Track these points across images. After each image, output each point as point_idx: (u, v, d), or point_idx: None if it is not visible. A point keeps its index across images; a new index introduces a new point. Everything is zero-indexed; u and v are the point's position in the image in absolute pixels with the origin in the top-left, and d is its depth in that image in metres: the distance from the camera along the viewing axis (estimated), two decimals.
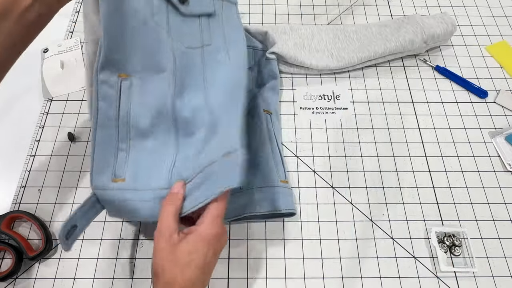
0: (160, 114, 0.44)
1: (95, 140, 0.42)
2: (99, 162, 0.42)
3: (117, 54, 0.41)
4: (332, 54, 0.66)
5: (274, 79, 0.63)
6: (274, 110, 0.61)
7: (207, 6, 0.48)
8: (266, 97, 0.61)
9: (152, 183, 0.42)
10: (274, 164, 0.54)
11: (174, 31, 0.44)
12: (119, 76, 0.42)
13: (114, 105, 0.42)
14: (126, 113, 0.43)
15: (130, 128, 0.43)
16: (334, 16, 0.75)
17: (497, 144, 0.61)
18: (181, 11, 0.44)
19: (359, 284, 0.50)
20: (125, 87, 0.42)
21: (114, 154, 0.42)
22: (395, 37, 0.66)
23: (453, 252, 0.52)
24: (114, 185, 0.41)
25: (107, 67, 0.41)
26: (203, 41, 0.47)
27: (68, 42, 0.70)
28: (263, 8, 0.76)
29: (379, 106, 0.65)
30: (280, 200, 0.51)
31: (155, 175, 0.43)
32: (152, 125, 0.44)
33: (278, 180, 0.52)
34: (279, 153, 0.55)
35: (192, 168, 0.42)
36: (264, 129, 0.57)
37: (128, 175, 0.42)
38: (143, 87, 0.43)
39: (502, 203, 0.56)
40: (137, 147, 0.43)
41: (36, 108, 0.64)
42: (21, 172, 0.58)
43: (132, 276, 0.50)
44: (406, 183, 0.58)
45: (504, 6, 0.78)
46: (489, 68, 0.69)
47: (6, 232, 0.51)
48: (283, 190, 0.52)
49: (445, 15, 0.68)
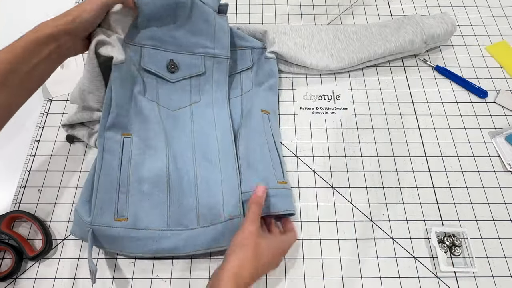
0: (155, 165, 0.52)
1: (98, 185, 0.50)
2: (102, 203, 0.49)
3: (122, 119, 0.53)
4: (332, 55, 0.66)
5: (273, 78, 0.63)
6: (272, 110, 0.60)
7: (197, 68, 0.59)
8: (264, 96, 0.61)
9: (151, 224, 0.49)
10: (272, 165, 0.53)
11: (163, 100, 0.57)
12: (122, 135, 0.53)
13: (117, 157, 0.52)
14: (127, 162, 0.52)
15: (130, 175, 0.51)
16: (334, 16, 0.75)
17: (497, 144, 0.61)
18: (170, 81, 0.58)
19: (359, 284, 0.50)
20: (127, 143, 0.53)
21: (116, 196, 0.50)
22: (395, 38, 0.66)
23: (453, 252, 0.52)
24: (118, 224, 0.48)
25: (113, 128, 0.53)
26: (192, 100, 0.59)
27: None
28: (263, 8, 0.76)
29: (379, 106, 0.65)
30: (278, 201, 0.51)
31: (154, 216, 0.49)
32: (149, 173, 0.51)
33: (276, 181, 0.52)
34: (277, 154, 0.55)
35: (188, 209, 0.50)
36: (262, 129, 0.56)
37: (130, 215, 0.49)
38: (141, 143, 0.53)
39: (502, 203, 0.56)
40: (136, 191, 0.50)
41: (36, 108, 0.64)
42: (21, 172, 0.58)
43: (132, 276, 0.50)
44: (406, 183, 0.58)
45: (504, 6, 0.78)
46: (489, 68, 0.69)
47: (6, 232, 0.51)
48: (281, 191, 0.52)
49: (445, 15, 0.68)
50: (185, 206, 0.51)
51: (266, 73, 0.63)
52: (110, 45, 0.51)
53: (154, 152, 0.53)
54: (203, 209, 0.51)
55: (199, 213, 0.50)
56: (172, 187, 0.51)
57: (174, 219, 0.50)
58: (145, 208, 0.50)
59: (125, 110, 0.54)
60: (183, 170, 0.53)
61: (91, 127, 0.57)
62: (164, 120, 0.56)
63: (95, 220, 0.48)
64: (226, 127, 0.57)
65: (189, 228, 0.50)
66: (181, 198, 0.51)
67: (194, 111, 0.59)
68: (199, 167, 0.54)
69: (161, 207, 0.50)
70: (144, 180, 0.51)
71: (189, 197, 0.51)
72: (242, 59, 0.65)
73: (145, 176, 0.51)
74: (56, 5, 0.77)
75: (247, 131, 0.56)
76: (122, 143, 0.53)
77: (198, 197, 0.51)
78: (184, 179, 0.53)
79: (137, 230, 0.48)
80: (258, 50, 0.65)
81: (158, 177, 0.51)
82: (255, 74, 0.64)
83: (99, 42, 0.51)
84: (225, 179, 0.52)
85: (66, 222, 0.54)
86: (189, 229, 0.49)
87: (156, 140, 0.54)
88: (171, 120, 0.57)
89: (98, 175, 0.50)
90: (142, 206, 0.50)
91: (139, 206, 0.50)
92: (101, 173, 0.50)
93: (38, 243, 0.52)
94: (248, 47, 0.65)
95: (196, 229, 0.50)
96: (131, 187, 0.51)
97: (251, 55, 0.65)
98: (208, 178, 0.53)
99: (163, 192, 0.51)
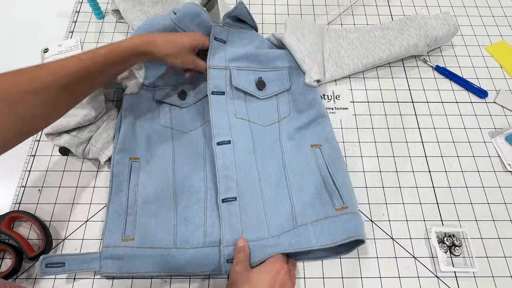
0: (162, 186, 0.54)
1: (108, 209, 0.52)
2: (112, 225, 0.51)
3: (129, 144, 0.56)
4: (336, 63, 0.65)
5: (316, 108, 0.59)
6: (325, 140, 0.57)
7: (205, 91, 0.60)
8: (312, 131, 0.58)
9: (158, 243, 0.50)
10: (328, 195, 0.51)
11: (176, 123, 0.60)
12: (130, 159, 0.55)
13: (125, 179, 0.54)
14: (135, 185, 0.54)
15: (137, 197, 0.53)
16: (334, 16, 0.75)
17: (497, 144, 0.61)
18: (181, 107, 0.62)
19: (359, 284, 0.50)
20: (135, 167, 0.55)
21: (124, 218, 0.51)
22: (399, 41, 0.65)
23: (453, 252, 0.52)
24: (124, 243, 0.49)
25: (122, 151, 0.55)
26: (204, 119, 0.61)
27: (68, 42, 0.70)
28: (263, 8, 0.76)
29: (379, 106, 0.65)
30: (338, 229, 0.48)
31: (160, 235, 0.50)
32: (155, 194, 0.53)
33: (333, 209, 0.50)
34: (333, 184, 0.52)
35: (194, 227, 0.52)
36: (314, 166, 0.54)
37: (137, 235, 0.50)
38: (148, 166, 0.56)
39: (502, 203, 0.56)
40: (143, 212, 0.52)
41: None
42: (21, 172, 0.58)
43: (132, 276, 0.50)
44: (406, 183, 0.58)
45: (504, 6, 0.78)
46: (489, 68, 0.69)
47: (6, 232, 0.51)
48: (340, 218, 0.49)
49: (447, 15, 0.67)
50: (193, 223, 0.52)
51: (307, 102, 0.60)
52: (129, 77, 0.59)
53: (160, 174, 0.55)
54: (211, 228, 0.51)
55: (207, 232, 0.51)
56: (178, 206, 0.53)
57: (181, 238, 0.50)
58: (152, 228, 0.51)
59: (133, 135, 0.57)
60: (193, 188, 0.55)
61: (78, 137, 0.56)
62: (176, 142, 0.58)
63: (105, 241, 0.49)
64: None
65: (194, 247, 0.50)
66: (188, 216, 0.52)
67: (206, 131, 0.60)
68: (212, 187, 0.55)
69: (168, 226, 0.51)
70: (151, 201, 0.53)
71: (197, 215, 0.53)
72: (278, 80, 0.62)
73: (152, 197, 0.53)
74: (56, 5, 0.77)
75: (299, 171, 0.55)
76: (130, 167, 0.55)
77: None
78: (192, 198, 0.54)
79: (143, 248, 0.49)
80: (297, 71, 0.62)
81: (164, 198, 0.53)
82: (293, 98, 0.61)
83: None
84: None
85: (66, 222, 0.54)
86: (195, 247, 0.50)
87: (163, 162, 0.56)
88: (183, 140, 0.59)
89: (109, 201, 0.52)
90: (149, 225, 0.51)
91: (146, 225, 0.51)
92: (111, 198, 0.52)
93: (38, 243, 0.52)
94: (285, 67, 0.63)
95: (203, 248, 0.50)
96: (139, 208, 0.52)
97: (288, 75, 0.62)
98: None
99: (170, 212, 0.52)
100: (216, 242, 0.50)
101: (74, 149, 0.56)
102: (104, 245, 0.49)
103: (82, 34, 0.72)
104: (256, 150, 0.56)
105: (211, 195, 0.54)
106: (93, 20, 0.74)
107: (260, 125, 0.59)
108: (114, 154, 0.55)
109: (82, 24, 0.74)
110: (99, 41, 0.71)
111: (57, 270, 0.47)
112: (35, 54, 0.69)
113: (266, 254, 0.47)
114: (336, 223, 0.48)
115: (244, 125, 0.58)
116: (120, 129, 0.56)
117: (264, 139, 0.57)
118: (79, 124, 0.56)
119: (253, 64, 0.62)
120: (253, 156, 0.55)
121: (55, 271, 0.47)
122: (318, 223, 0.49)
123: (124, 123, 0.57)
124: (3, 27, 0.73)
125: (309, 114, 0.59)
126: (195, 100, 0.62)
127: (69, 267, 0.48)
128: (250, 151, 0.56)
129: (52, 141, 0.57)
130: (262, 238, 0.49)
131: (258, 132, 0.58)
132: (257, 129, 0.58)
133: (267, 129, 0.59)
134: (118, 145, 0.55)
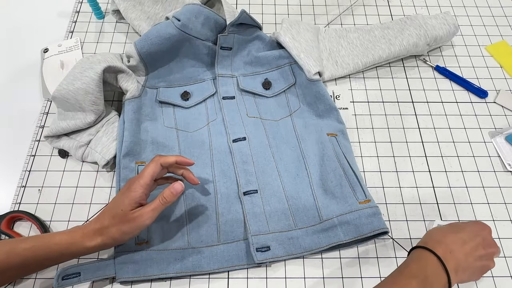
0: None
1: None
2: None
3: (134, 148, 0.56)
4: (336, 62, 0.66)
5: (324, 100, 0.60)
6: (339, 130, 0.59)
7: (209, 91, 0.63)
8: (329, 122, 0.59)
9: (172, 244, 0.50)
10: (350, 187, 0.53)
11: (180, 123, 0.61)
12: (136, 163, 0.55)
13: None
14: None
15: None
16: (334, 16, 0.75)
17: (497, 144, 0.61)
18: (185, 107, 0.62)
19: (359, 284, 0.50)
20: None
21: None
22: (399, 41, 0.65)
23: None
24: (138, 247, 0.49)
25: (127, 156, 0.55)
26: (209, 119, 0.61)
27: (68, 42, 0.70)
28: (263, 8, 0.77)
29: (379, 106, 0.65)
30: (364, 223, 0.50)
31: (174, 236, 0.51)
32: None
33: (357, 202, 0.51)
34: (353, 174, 0.54)
35: (207, 227, 0.52)
36: (331, 153, 0.56)
37: (150, 238, 0.50)
38: None
39: (502, 203, 0.56)
40: None
41: (36, 108, 0.64)
42: (21, 172, 0.58)
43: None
44: (406, 183, 0.58)
45: (504, 6, 0.78)
46: (489, 68, 0.69)
47: (6, 232, 0.51)
48: (365, 211, 0.50)
49: (447, 15, 0.67)
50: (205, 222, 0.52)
51: (313, 95, 0.61)
52: (130, 80, 0.59)
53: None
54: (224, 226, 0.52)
55: (220, 230, 0.52)
56: (188, 207, 0.53)
57: (195, 237, 0.51)
58: (165, 230, 0.52)
59: (138, 140, 0.57)
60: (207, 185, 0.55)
61: (78, 140, 0.57)
62: (181, 143, 0.59)
63: (118, 247, 0.49)
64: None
65: (210, 245, 0.50)
66: (200, 215, 0.53)
67: (211, 130, 0.60)
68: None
69: (180, 226, 0.52)
70: None
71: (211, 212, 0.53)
72: (283, 77, 0.64)
73: None
74: (56, 5, 0.77)
75: (317, 158, 0.56)
76: (137, 171, 0.55)
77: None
78: (202, 198, 0.54)
79: (158, 251, 0.49)
80: (298, 64, 0.63)
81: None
82: (301, 92, 0.63)
83: (120, 71, 0.58)
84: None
85: (66, 222, 0.54)
86: (210, 245, 0.50)
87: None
88: (189, 140, 0.59)
89: None
90: (161, 227, 0.52)
91: (159, 228, 0.51)
92: None
93: None
94: (286, 64, 0.64)
95: (217, 246, 0.50)
96: None
97: (291, 70, 0.64)
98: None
99: (181, 212, 0.53)
100: (230, 239, 0.51)
101: (73, 152, 0.57)
102: (118, 250, 0.49)
103: (82, 34, 0.72)
104: (271, 144, 0.58)
105: (221, 194, 0.54)
106: (93, 20, 0.74)
107: (272, 120, 0.61)
108: (120, 159, 0.55)
109: (82, 24, 0.74)
110: (99, 41, 0.71)
111: (73, 281, 0.46)
112: (35, 54, 0.69)
113: (298, 247, 0.50)
114: (361, 217, 0.50)
115: (257, 122, 0.60)
116: (124, 134, 0.56)
117: (278, 132, 0.60)
118: (79, 127, 0.56)
119: (256, 68, 0.65)
120: (269, 150, 0.57)
121: (71, 282, 0.46)
122: (344, 217, 0.51)
123: (127, 128, 0.57)
124: (3, 27, 0.73)
125: (319, 106, 0.61)
126: (199, 100, 0.63)
127: (85, 277, 0.47)
128: (265, 145, 0.58)
129: (51, 143, 0.58)
130: (289, 229, 0.51)
131: (271, 127, 0.60)
132: (270, 124, 0.60)
133: (280, 123, 0.61)
134: (123, 150, 0.55)
